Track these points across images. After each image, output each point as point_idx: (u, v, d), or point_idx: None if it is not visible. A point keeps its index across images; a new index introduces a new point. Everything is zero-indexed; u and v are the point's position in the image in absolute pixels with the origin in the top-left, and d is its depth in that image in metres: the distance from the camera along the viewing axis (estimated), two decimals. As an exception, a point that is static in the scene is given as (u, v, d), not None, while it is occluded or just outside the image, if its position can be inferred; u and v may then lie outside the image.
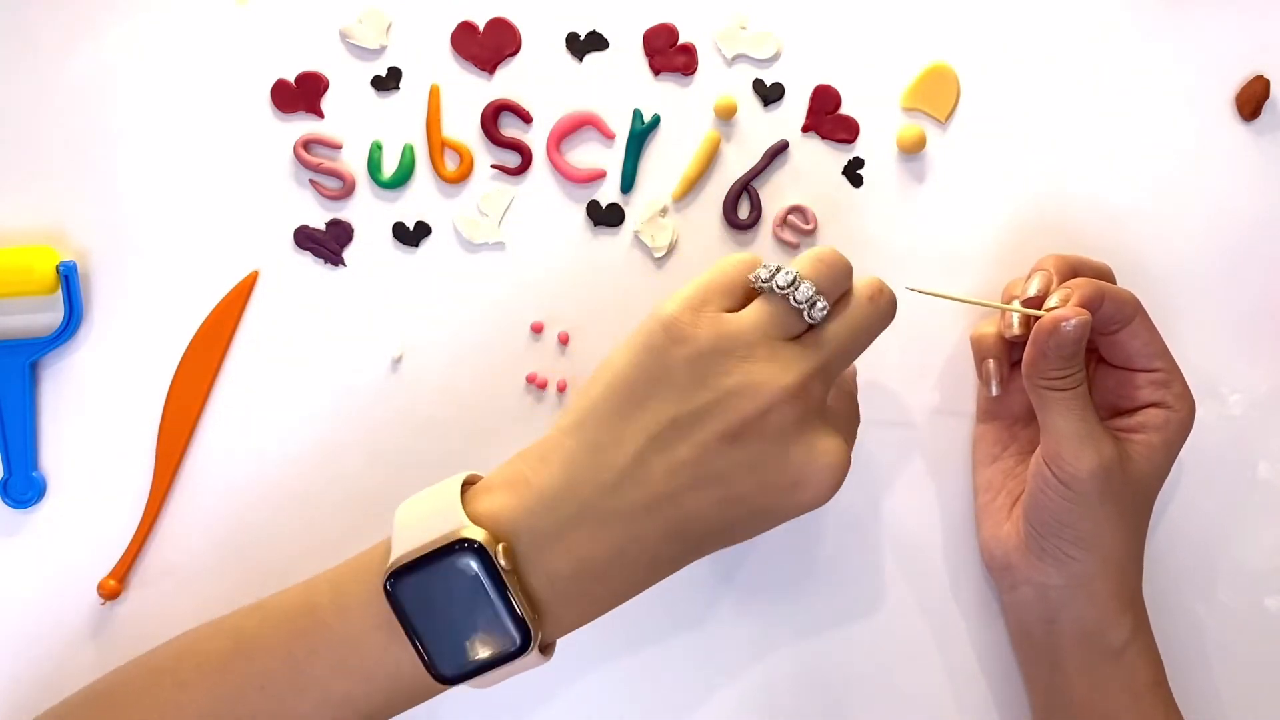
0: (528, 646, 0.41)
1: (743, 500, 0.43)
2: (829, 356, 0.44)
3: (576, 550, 0.42)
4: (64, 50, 0.56)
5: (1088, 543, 0.49)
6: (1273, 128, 0.56)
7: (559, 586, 0.42)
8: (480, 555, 0.41)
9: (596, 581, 0.42)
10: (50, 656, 0.55)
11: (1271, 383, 0.56)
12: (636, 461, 0.42)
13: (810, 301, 0.43)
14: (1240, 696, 0.56)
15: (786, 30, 0.56)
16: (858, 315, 0.45)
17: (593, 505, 0.42)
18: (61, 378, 0.56)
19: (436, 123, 0.56)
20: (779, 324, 0.43)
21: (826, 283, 0.44)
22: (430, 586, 0.41)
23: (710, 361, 0.42)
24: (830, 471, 0.43)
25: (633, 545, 0.42)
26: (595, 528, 0.42)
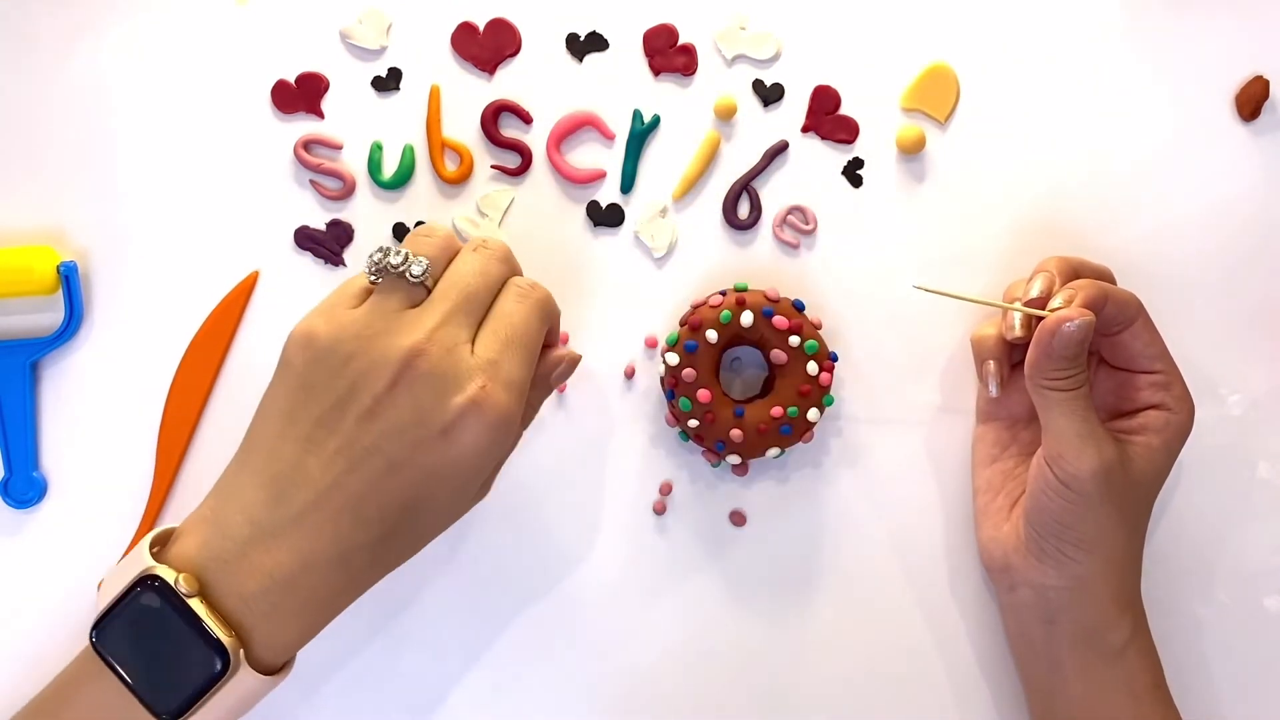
0: (228, 667, 0.42)
1: (402, 465, 0.43)
2: (449, 305, 0.45)
3: (261, 565, 0.43)
4: (64, 50, 0.56)
5: (1088, 544, 0.49)
6: (1273, 128, 0.56)
7: (254, 604, 0.43)
8: (161, 589, 0.43)
9: (289, 591, 0.43)
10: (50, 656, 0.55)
11: (1271, 383, 0.56)
12: (294, 467, 0.44)
13: (407, 263, 0.45)
14: (1240, 696, 0.56)
15: (786, 30, 0.56)
16: (462, 264, 0.46)
17: (264, 521, 0.43)
18: (62, 378, 0.56)
19: (436, 123, 0.56)
20: (393, 298, 0.45)
21: (427, 248, 0.46)
22: (129, 629, 0.43)
23: (338, 351, 0.44)
24: (471, 407, 0.43)
25: (312, 546, 0.43)
26: (272, 540, 0.43)
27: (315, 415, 0.44)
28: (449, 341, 0.44)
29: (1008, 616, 0.54)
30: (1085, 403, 0.48)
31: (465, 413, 0.43)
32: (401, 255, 0.45)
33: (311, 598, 0.44)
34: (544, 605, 0.56)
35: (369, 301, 0.45)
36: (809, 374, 0.53)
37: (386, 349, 0.44)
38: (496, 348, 0.45)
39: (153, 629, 0.43)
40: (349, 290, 0.46)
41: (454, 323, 0.45)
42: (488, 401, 0.43)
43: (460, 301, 0.45)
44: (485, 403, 0.43)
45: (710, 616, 0.56)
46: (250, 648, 0.43)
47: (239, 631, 0.43)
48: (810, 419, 0.53)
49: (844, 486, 0.56)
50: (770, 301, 0.53)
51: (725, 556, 0.56)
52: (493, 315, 0.46)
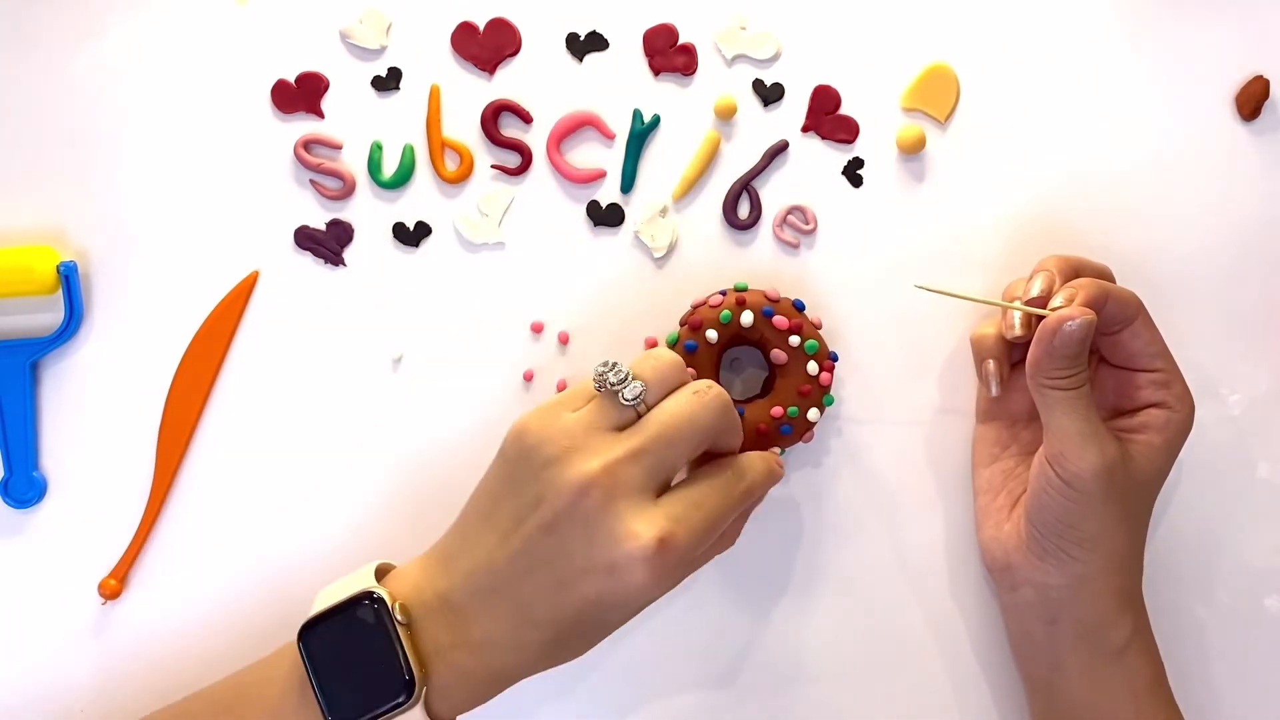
0: (411, 698, 0.45)
1: (570, 585, 0.45)
2: (645, 440, 0.45)
3: (454, 626, 0.46)
4: (65, 50, 0.56)
5: (1090, 543, 0.49)
6: (1273, 128, 0.56)
7: (444, 654, 0.46)
8: (379, 607, 0.46)
9: (473, 655, 0.46)
10: (50, 656, 0.55)
11: (1271, 383, 0.56)
12: (488, 554, 0.46)
13: (624, 383, 0.46)
14: (1240, 696, 0.56)
15: (786, 30, 0.56)
16: (678, 404, 0.46)
17: (460, 588, 0.46)
18: (62, 378, 0.56)
19: (436, 123, 0.56)
20: (604, 415, 0.46)
21: (650, 374, 0.47)
22: (336, 635, 0.46)
23: (538, 455, 0.45)
24: (637, 553, 0.43)
25: (492, 627, 0.46)
26: (464, 607, 0.46)
27: (509, 511, 0.46)
28: (629, 482, 0.44)
29: (1009, 616, 0.54)
30: (1086, 401, 0.48)
31: (634, 558, 0.44)
32: (621, 375, 0.46)
33: (486, 669, 0.46)
34: (544, 605, 0.56)
35: (584, 413, 0.46)
36: (809, 374, 0.53)
37: (572, 469, 0.44)
38: (686, 507, 0.45)
39: (358, 642, 0.45)
40: (576, 392, 0.47)
41: (640, 463, 0.45)
42: (661, 555, 0.44)
43: (656, 440, 0.45)
44: (658, 555, 0.44)
45: (710, 616, 0.56)
46: (430, 691, 0.46)
47: (426, 673, 0.45)
48: (810, 419, 0.53)
49: (844, 486, 0.56)
50: (770, 301, 0.53)
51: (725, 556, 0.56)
52: (693, 483, 0.47)
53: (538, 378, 0.56)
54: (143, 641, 0.55)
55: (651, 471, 0.45)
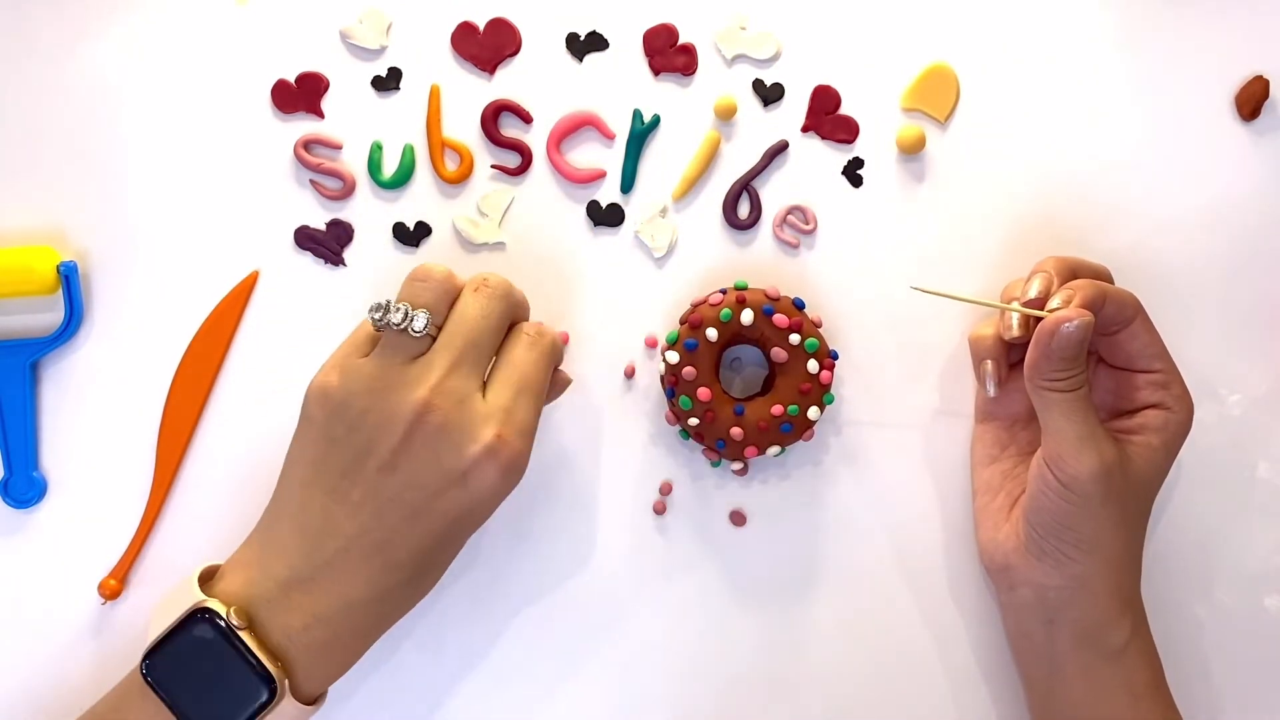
0: (274, 697, 0.45)
1: (424, 512, 0.46)
2: (449, 358, 0.47)
3: (303, 605, 0.46)
4: (65, 51, 0.56)
5: (1088, 544, 0.49)
6: (1273, 128, 0.56)
7: (298, 639, 0.46)
8: (214, 621, 0.45)
9: (329, 628, 0.46)
10: (50, 656, 0.55)
11: (1271, 383, 0.56)
12: (324, 517, 0.46)
13: (408, 318, 0.47)
14: (1240, 696, 0.56)
15: (786, 30, 0.56)
16: (464, 309, 0.48)
17: (302, 565, 0.46)
18: (62, 378, 0.56)
19: (436, 123, 0.56)
20: (398, 352, 0.47)
21: (424, 296, 0.48)
22: (180, 660, 0.46)
23: (352, 406, 0.46)
24: (484, 453, 0.45)
25: (349, 588, 0.46)
26: (311, 582, 0.46)
27: (338, 467, 0.46)
28: (458, 393, 0.46)
29: (1007, 616, 0.54)
30: (1085, 403, 0.48)
31: (481, 460, 0.46)
32: (401, 312, 0.47)
33: (350, 633, 0.47)
34: (544, 605, 0.56)
35: (376, 353, 0.47)
36: (809, 372, 0.53)
37: (398, 404, 0.46)
38: (509, 395, 0.47)
39: (204, 659, 0.45)
40: (358, 339, 0.49)
41: (460, 373, 0.47)
42: (504, 449, 0.46)
43: (466, 349, 0.47)
44: (501, 450, 0.46)
45: (710, 616, 0.56)
46: (293, 679, 0.46)
47: (284, 664, 0.45)
48: (810, 417, 0.53)
49: (844, 485, 0.56)
50: (770, 300, 0.53)
51: (725, 556, 0.56)
52: (504, 363, 0.48)
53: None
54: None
55: (471, 375, 0.47)
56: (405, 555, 0.46)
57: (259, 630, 0.46)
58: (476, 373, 0.47)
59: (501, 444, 0.46)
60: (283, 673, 0.45)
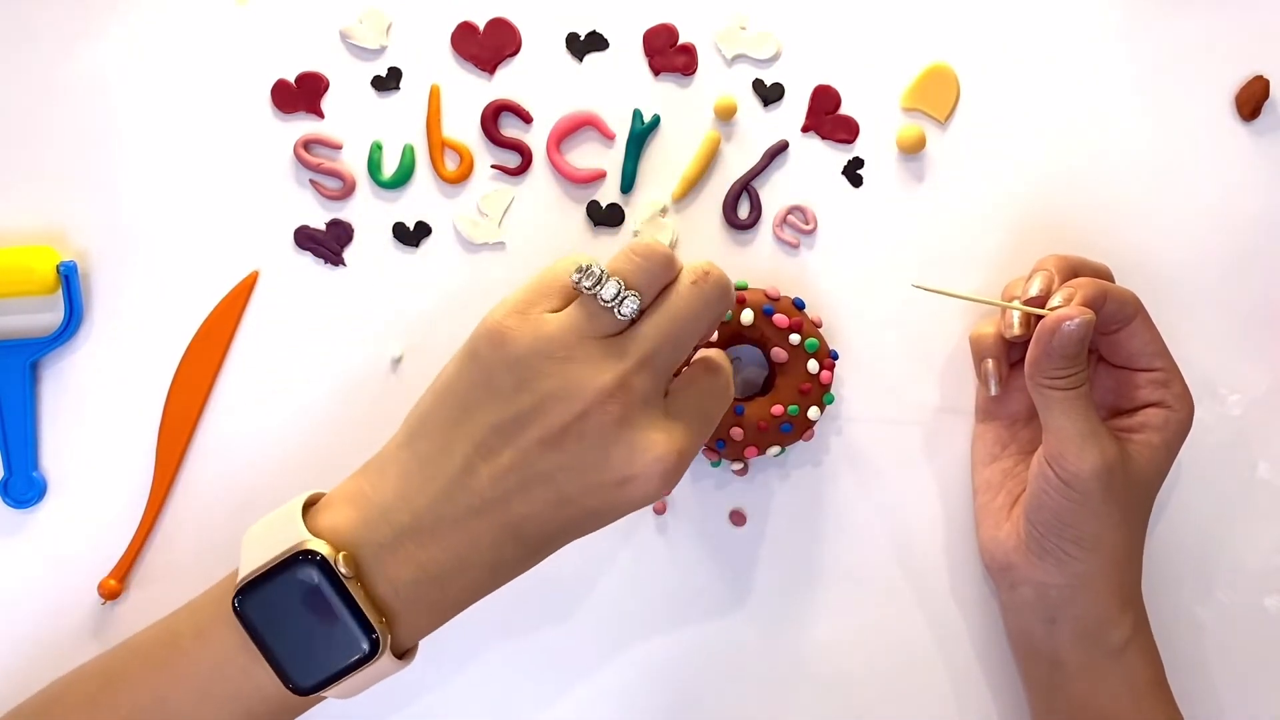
0: (376, 652, 0.43)
1: (571, 501, 0.43)
2: (648, 351, 0.43)
3: (416, 557, 0.43)
4: (64, 50, 0.56)
5: (1089, 542, 0.49)
6: (1273, 128, 0.56)
7: (404, 593, 0.43)
8: (322, 566, 0.42)
9: (439, 586, 0.43)
10: (50, 656, 0.55)
11: (1271, 383, 0.56)
12: (464, 469, 0.43)
13: (619, 299, 0.43)
14: (1240, 696, 0.56)
15: (786, 30, 0.56)
16: (678, 304, 0.44)
17: (426, 514, 0.43)
18: (61, 378, 0.56)
19: (436, 123, 0.56)
20: (594, 324, 0.43)
21: (640, 276, 0.44)
22: (277, 600, 0.43)
23: (528, 365, 0.42)
24: (656, 466, 0.42)
25: (470, 550, 0.43)
26: (431, 536, 0.43)
27: (494, 420, 0.43)
28: (645, 392, 0.43)
29: (1008, 615, 0.54)
30: (1086, 401, 0.48)
31: (651, 472, 0.43)
32: (614, 289, 0.43)
33: (455, 595, 0.44)
34: (543, 605, 0.56)
35: (569, 316, 0.43)
36: (809, 372, 0.53)
37: (580, 381, 0.42)
38: (697, 418, 0.45)
39: (303, 603, 0.43)
40: (548, 287, 0.44)
41: (653, 369, 0.43)
42: (671, 461, 0.43)
43: (664, 346, 0.43)
44: (667, 462, 0.43)
45: (710, 616, 0.56)
46: (393, 633, 0.43)
47: (387, 618, 0.43)
48: (811, 417, 0.53)
49: (844, 485, 0.56)
50: (770, 300, 0.53)
51: (725, 556, 0.56)
52: (698, 389, 0.46)
53: None
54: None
55: (661, 377, 0.44)
56: (536, 535, 0.43)
57: (366, 578, 0.43)
58: (668, 372, 0.44)
59: (678, 461, 0.43)
60: (386, 628, 0.43)
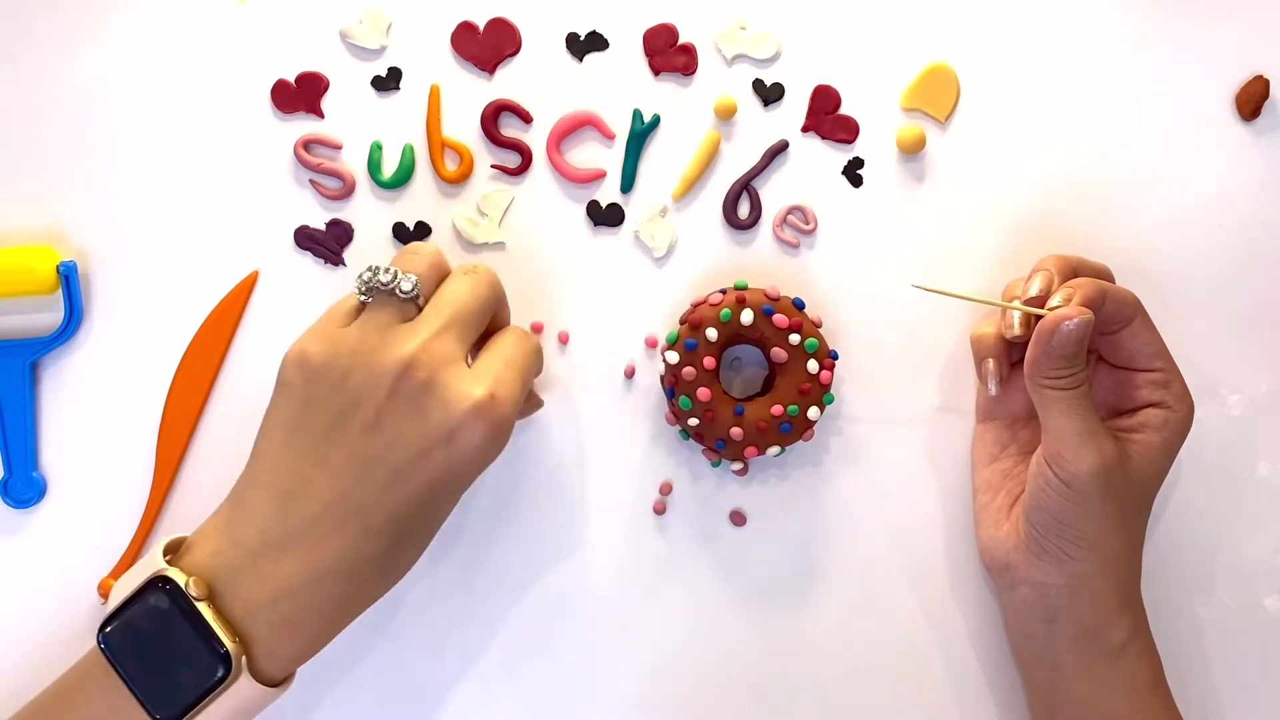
0: (229, 673, 0.43)
1: (407, 475, 0.44)
2: (442, 320, 0.46)
3: (269, 576, 0.44)
4: (64, 50, 0.56)
5: (1088, 542, 0.49)
6: (1273, 128, 0.56)
7: (261, 614, 0.44)
8: (172, 592, 0.44)
9: (296, 601, 0.44)
10: (50, 656, 0.55)
11: (1271, 383, 0.56)
12: (302, 481, 0.44)
13: (396, 279, 0.46)
14: (1240, 696, 0.56)
15: (786, 30, 0.56)
16: (456, 285, 0.47)
17: (273, 533, 0.44)
18: (61, 378, 0.56)
19: (436, 123, 0.56)
20: (387, 313, 0.46)
21: (416, 265, 0.47)
22: (136, 631, 0.44)
23: (333, 368, 0.45)
24: (473, 411, 0.44)
25: (321, 557, 0.44)
26: (281, 551, 0.44)
27: (318, 430, 0.45)
28: (444, 354, 0.45)
29: (1008, 615, 0.54)
30: (1085, 401, 0.48)
31: (470, 418, 0.44)
32: (391, 273, 0.46)
33: (318, 609, 0.45)
34: (543, 605, 0.56)
35: (361, 318, 0.46)
36: (809, 372, 0.53)
37: (383, 361, 0.44)
38: (499, 365, 0.46)
39: (159, 630, 0.44)
40: (339, 310, 0.47)
41: (447, 337, 0.46)
42: (494, 408, 0.44)
43: (453, 318, 0.46)
44: (491, 410, 0.44)
45: (710, 616, 0.56)
46: (253, 657, 0.44)
47: (244, 640, 0.44)
48: (810, 417, 0.53)
49: (844, 485, 0.56)
50: (770, 300, 0.53)
51: (725, 556, 0.56)
52: (491, 346, 0.48)
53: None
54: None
55: (458, 342, 0.46)
56: (383, 522, 0.44)
57: (220, 602, 0.44)
58: (463, 342, 0.46)
59: (492, 403, 0.44)
60: (241, 649, 0.44)
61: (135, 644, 0.44)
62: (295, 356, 0.46)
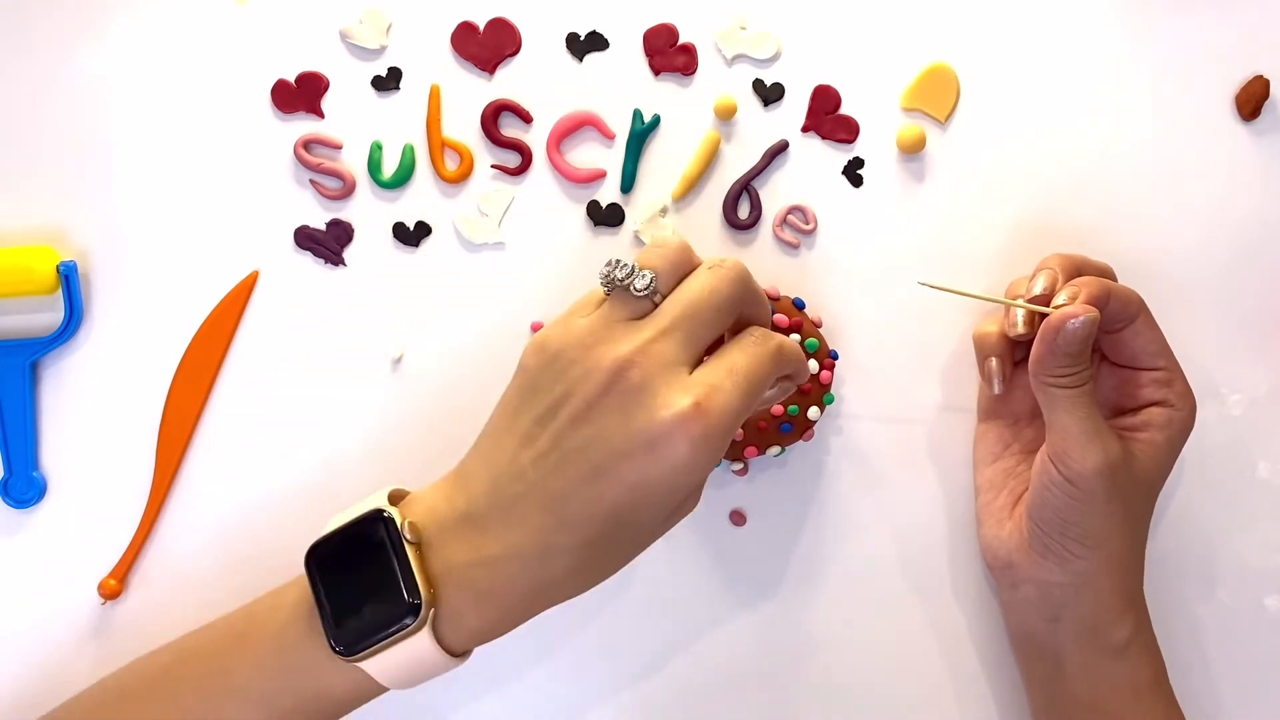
0: (415, 620, 0.44)
1: (605, 472, 0.43)
2: (668, 321, 0.44)
3: (471, 540, 0.44)
4: (64, 50, 0.56)
5: (1092, 540, 0.49)
6: (1273, 128, 0.56)
7: (456, 574, 0.44)
8: (388, 525, 0.45)
9: (491, 572, 0.44)
10: (50, 656, 0.55)
11: (1271, 383, 0.56)
12: (511, 460, 0.45)
13: (631, 275, 0.45)
14: (1240, 696, 0.56)
15: (786, 30, 0.56)
16: (695, 282, 0.46)
17: (481, 501, 0.45)
18: (61, 378, 0.56)
19: (436, 123, 0.56)
20: (621, 310, 0.45)
21: (657, 261, 0.46)
22: (344, 554, 0.45)
23: (563, 357, 0.45)
24: (678, 422, 0.42)
25: (518, 535, 0.44)
26: (485, 520, 0.45)
27: (535, 414, 0.45)
28: (664, 356, 0.44)
29: (1009, 614, 0.54)
30: (1089, 400, 0.48)
31: (673, 429, 0.42)
32: (628, 268, 0.45)
33: (508, 587, 0.44)
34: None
35: (598, 312, 0.46)
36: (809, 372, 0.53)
37: (601, 356, 0.44)
38: (720, 375, 0.44)
39: (365, 560, 0.45)
40: (587, 301, 0.47)
41: (672, 339, 0.44)
42: (699, 420, 0.42)
43: (682, 319, 0.44)
44: (696, 421, 0.42)
45: (710, 616, 0.56)
46: (439, 614, 0.44)
47: (436, 594, 0.44)
48: (811, 417, 0.53)
49: (845, 485, 0.56)
50: (771, 300, 0.53)
51: (725, 556, 0.56)
52: (724, 352, 0.46)
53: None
54: (143, 641, 0.55)
55: (683, 345, 0.44)
56: (578, 515, 0.43)
57: (425, 551, 0.45)
58: (690, 344, 0.44)
59: (698, 414, 0.42)
60: (433, 601, 0.44)
61: (339, 566, 0.45)
62: (535, 343, 0.46)
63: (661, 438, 0.42)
